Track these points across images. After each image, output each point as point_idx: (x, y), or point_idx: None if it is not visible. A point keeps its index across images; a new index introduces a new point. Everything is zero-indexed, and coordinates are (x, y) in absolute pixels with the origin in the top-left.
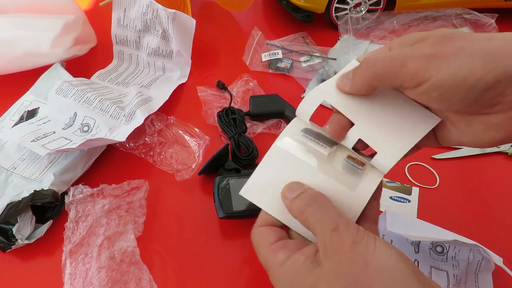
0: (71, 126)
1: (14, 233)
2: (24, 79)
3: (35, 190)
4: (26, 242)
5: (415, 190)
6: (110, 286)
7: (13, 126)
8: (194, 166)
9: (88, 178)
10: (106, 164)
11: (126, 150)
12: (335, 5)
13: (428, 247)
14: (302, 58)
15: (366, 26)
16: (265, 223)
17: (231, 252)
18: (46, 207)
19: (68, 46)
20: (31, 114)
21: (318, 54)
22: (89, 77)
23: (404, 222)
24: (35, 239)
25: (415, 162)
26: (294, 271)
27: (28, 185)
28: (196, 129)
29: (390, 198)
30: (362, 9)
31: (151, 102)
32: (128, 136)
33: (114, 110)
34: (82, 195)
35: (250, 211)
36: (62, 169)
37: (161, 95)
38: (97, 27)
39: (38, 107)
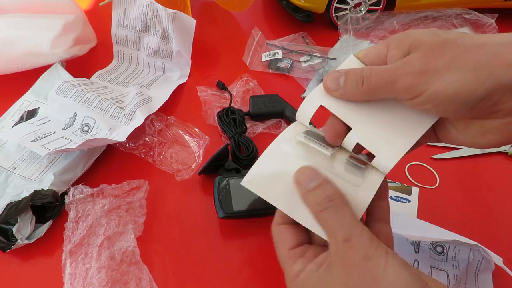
0: (71, 126)
1: (14, 233)
2: (24, 79)
3: (35, 190)
4: (26, 242)
5: (415, 190)
6: (110, 286)
7: (13, 126)
8: (194, 166)
9: (88, 178)
10: (106, 164)
11: (126, 150)
12: (335, 5)
13: (428, 247)
14: (302, 58)
15: (366, 26)
16: (285, 221)
17: (231, 252)
18: (46, 207)
19: (68, 46)
20: (31, 114)
21: (318, 54)
22: (89, 77)
23: (404, 222)
24: (35, 239)
25: (415, 162)
26: (308, 284)
27: (28, 185)
28: (196, 129)
29: (390, 198)
30: (362, 9)
31: (151, 102)
32: (128, 136)
33: (114, 110)
34: (82, 195)
35: (250, 211)
36: (62, 169)
37: (161, 95)
38: (97, 27)
39: (38, 107)
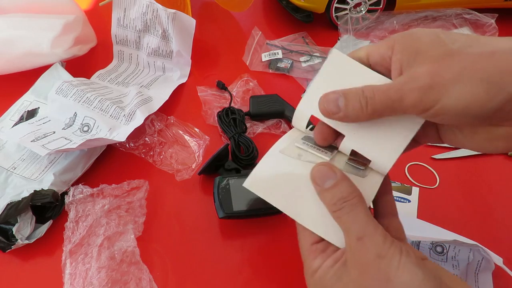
0: (71, 126)
1: (14, 233)
2: (24, 79)
3: (35, 190)
4: (26, 242)
5: (415, 190)
6: (110, 286)
7: (13, 126)
8: (194, 166)
9: (88, 178)
10: (106, 164)
11: (126, 150)
12: (335, 5)
13: (428, 247)
14: (302, 58)
15: (366, 26)
16: None
17: (231, 252)
18: (46, 207)
19: (68, 46)
20: (31, 114)
21: (318, 54)
22: (89, 77)
23: (404, 222)
24: (35, 239)
25: (415, 162)
26: (325, 280)
27: (28, 185)
28: (196, 129)
29: None
30: (362, 9)
31: (151, 102)
32: (128, 136)
33: (114, 110)
34: (82, 195)
35: (250, 211)
36: (62, 169)
37: (161, 95)
38: (97, 27)
39: (38, 107)
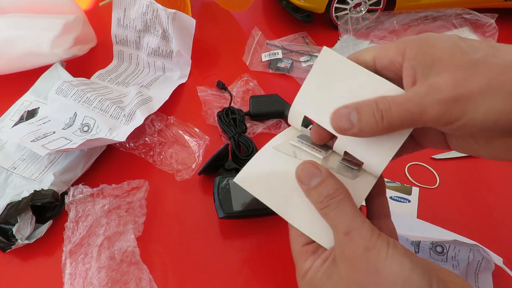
0: (71, 126)
1: (14, 233)
2: (24, 79)
3: (35, 190)
4: (26, 242)
5: (415, 190)
6: (110, 286)
7: (13, 126)
8: (194, 166)
9: (88, 178)
10: (106, 164)
11: (126, 150)
12: (335, 5)
13: (428, 247)
14: (302, 58)
15: (366, 26)
16: None
17: (231, 252)
18: (46, 207)
19: (68, 46)
20: (31, 114)
21: (318, 54)
22: (89, 77)
23: (404, 222)
24: (35, 239)
25: (415, 162)
26: (316, 280)
27: (28, 185)
28: (196, 129)
29: (390, 198)
30: (362, 9)
31: (151, 102)
32: (128, 136)
33: (114, 110)
34: (82, 195)
35: (250, 211)
36: (62, 169)
37: (161, 95)
38: (97, 27)
39: (38, 107)
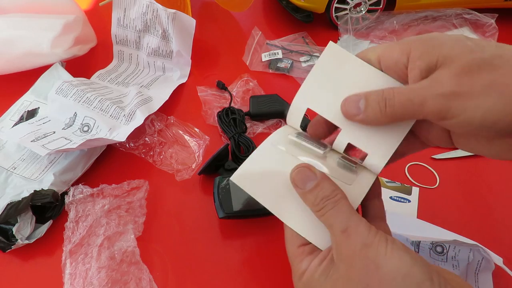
0: (71, 126)
1: (14, 233)
2: (24, 79)
3: (35, 190)
4: (26, 242)
5: (415, 190)
6: (110, 286)
7: (13, 126)
8: (194, 166)
9: (88, 178)
10: (106, 164)
11: (126, 150)
12: (335, 5)
13: (428, 247)
14: (302, 58)
15: (366, 26)
16: None
17: (231, 252)
18: (46, 207)
19: (68, 46)
20: (31, 114)
21: (318, 54)
22: (89, 77)
23: (404, 222)
24: (35, 239)
25: (415, 162)
26: (313, 281)
27: (28, 185)
28: (196, 129)
29: (390, 198)
30: (362, 9)
31: (151, 102)
32: (128, 136)
33: (114, 110)
34: (82, 195)
35: (250, 211)
36: (62, 169)
37: (161, 95)
38: (97, 27)
39: (38, 107)
